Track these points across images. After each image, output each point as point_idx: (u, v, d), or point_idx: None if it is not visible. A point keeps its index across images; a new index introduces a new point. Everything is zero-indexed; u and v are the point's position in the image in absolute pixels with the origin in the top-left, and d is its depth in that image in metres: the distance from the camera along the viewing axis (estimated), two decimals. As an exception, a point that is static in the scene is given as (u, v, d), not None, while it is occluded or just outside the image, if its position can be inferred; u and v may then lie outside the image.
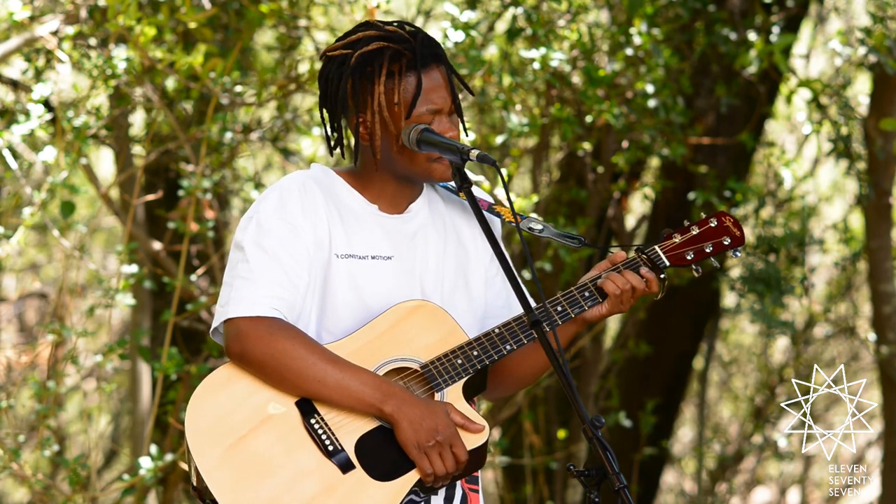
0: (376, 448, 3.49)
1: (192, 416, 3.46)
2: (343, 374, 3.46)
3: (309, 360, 3.46)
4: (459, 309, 3.65)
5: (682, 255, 3.72)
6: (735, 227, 3.74)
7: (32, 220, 5.89)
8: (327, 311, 3.57)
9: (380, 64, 3.54)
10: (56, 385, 5.98)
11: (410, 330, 3.56)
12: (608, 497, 3.28)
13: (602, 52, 6.56)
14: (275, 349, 3.46)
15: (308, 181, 3.61)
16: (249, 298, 3.48)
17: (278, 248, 3.53)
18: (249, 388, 3.49)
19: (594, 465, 3.26)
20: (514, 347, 3.57)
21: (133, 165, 6.70)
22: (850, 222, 8.89)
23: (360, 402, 3.47)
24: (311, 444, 3.47)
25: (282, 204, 3.56)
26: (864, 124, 6.95)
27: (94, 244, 10.52)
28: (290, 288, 3.51)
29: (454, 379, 3.55)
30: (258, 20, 6.19)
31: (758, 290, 7.01)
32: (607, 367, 7.54)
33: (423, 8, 7.22)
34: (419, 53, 3.53)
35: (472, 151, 3.49)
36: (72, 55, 6.09)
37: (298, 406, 3.49)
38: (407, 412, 3.46)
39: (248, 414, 3.47)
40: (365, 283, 3.57)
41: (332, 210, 3.59)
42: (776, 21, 7.08)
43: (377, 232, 3.62)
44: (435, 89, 3.55)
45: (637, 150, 6.72)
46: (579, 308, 3.60)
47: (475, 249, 3.73)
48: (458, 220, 3.74)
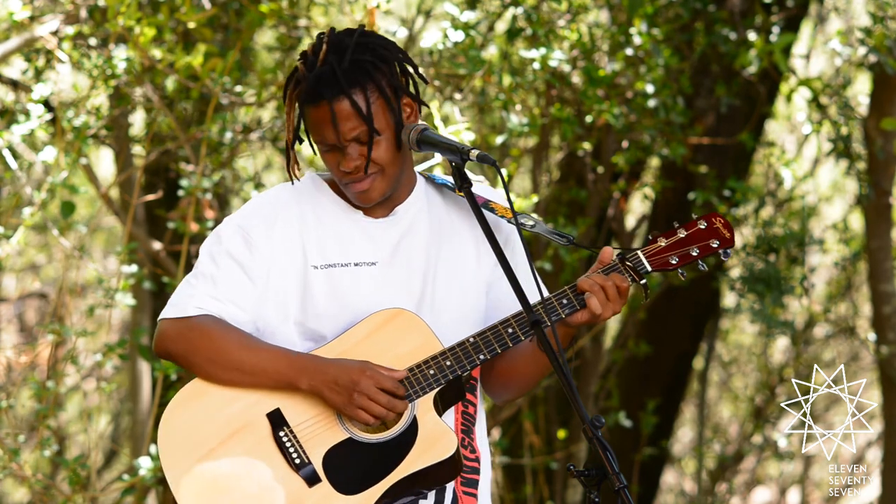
0: (343, 461, 3.48)
1: (165, 428, 3.50)
2: (258, 359, 3.48)
3: (224, 351, 3.49)
4: (451, 313, 3.62)
5: (665, 260, 3.62)
6: (725, 228, 3.65)
7: (32, 220, 5.89)
8: (308, 322, 3.56)
9: (288, 87, 3.53)
10: (56, 385, 5.98)
11: (385, 339, 3.53)
12: (608, 497, 3.28)
13: (602, 52, 6.56)
14: (191, 345, 3.51)
15: (284, 195, 3.61)
16: (180, 302, 3.55)
17: (226, 256, 3.55)
18: (221, 400, 3.51)
19: (594, 465, 3.26)
20: (488, 357, 3.53)
21: (133, 165, 6.70)
22: (850, 222, 8.89)
23: (278, 382, 3.49)
24: (279, 456, 3.48)
25: (246, 217, 3.59)
26: (864, 124, 6.95)
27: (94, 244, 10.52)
28: (229, 293, 3.53)
29: (425, 390, 3.51)
30: (258, 20, 6.19)
31: (758, 290, 7.01)
32: (607, 367, 7.54)
33: (424, 8, 7.22)
34: (307, 89, 3.46)
35: (472, 151, 3.48)
36: (72, 55, 6.09)
37: (269, 418, 3.49)
38: (322, 379, 3.46)
39: (219, 427, 3.49)
40: (347, 291, 3.56)
41: (310, 222, 3.57)
42: (776, 21, 7.08)
43: (361, 238, 3.59)
44: (320, 127, 3.49)
45: (637, 150, 6.71)
46: (556, 315, 3.53)
47: (476, 251, 3.68)
48: (457, 220, 3.70)
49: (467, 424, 3.65)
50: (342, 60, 3.46)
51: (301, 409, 3.50)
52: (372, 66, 3.47)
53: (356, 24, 6.04)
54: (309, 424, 3.50)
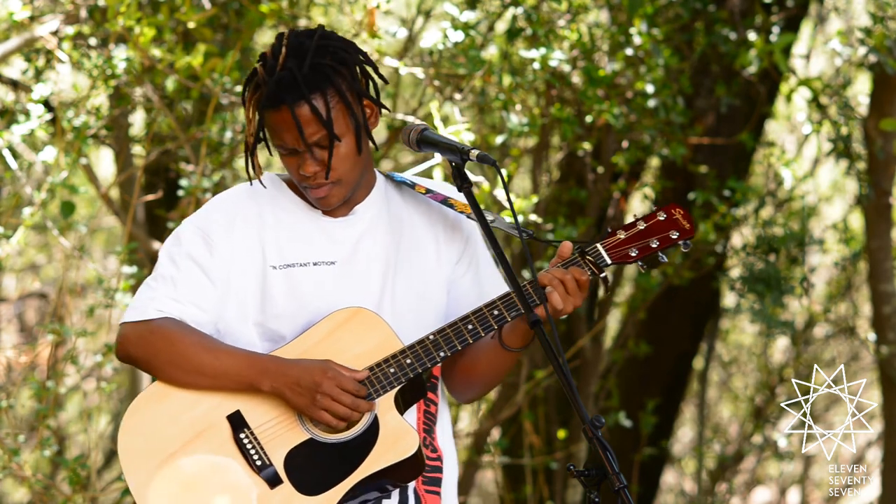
0: (305, 462, 3.48)
1: (124, 433, 3.50)
2: (219, 361, 3.48)
3: (185, 354, 3.49)
4: (411, 312, 3.61)
5: (625, 253, 3.58)
6: (685, 219, 3.63)
7: (32, 220, 5.89)
8: (268, 322, 3.56)
9: (247, 89, 3.51)
10: (56, 385, 5.98)
11: (345, 338, 3.52)
12: (608, 497, 3.28)
13: (602, 52, 6.56)
14: (151, 348, 3.51)
15: (242, 196, 3.62)
16: (141, 305, 3.55)
17: (185, 258, 3.56)
18: (182, 403, 3.51)
19: (594, 465, 3.26)
20: (448, 354, 3.52)
21: (133, 165, 6.70)
22: (850, 222, 8.89)
23: (240, 384, 3.49)
24: (241, 458, 3.48)
25: (205, 217, 3.59)
26: (864, 124, 6.96)
27: (94, 244, 10.52)
28: (190, 294, 3.53)
29: (386, 389, 3.50)
30: (258, 20, 6.19)
31: (758, 290, 7.01)
32: (607, 367, 7.54)
33: (424, 8, 7.22)
34: (267, 93, 3.45)
35: (472, 151, 3.48)
36: (72, 55, 6.09)
37: (230, 420, 3.49)
38: (284, 381, 3.46)
39: (180, 430, 3.49)
40: (306, 291, 3.56)
41: (269, 222, 3.58)
42: (776, 21, 7.08)
43: (320, 238, 3.59)
44: (280, 131, 3.48)
45: (637, 150, 6.71)
46: (516, 311, 3.52)
47: (436, 249, 3.68)
48: (415, 218, 3.69)
49: (429, 423, 3.64)
50: (302, 65, 3.45)
51: (262, 410, 3.50)
52: (332, 70, 3.46)
53: (356, 24, 6.05)
54: (270, 426, 3.50)
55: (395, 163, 7.54)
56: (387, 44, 6.25)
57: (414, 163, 6.68)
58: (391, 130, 6.67)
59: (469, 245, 3.70)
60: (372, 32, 5.86)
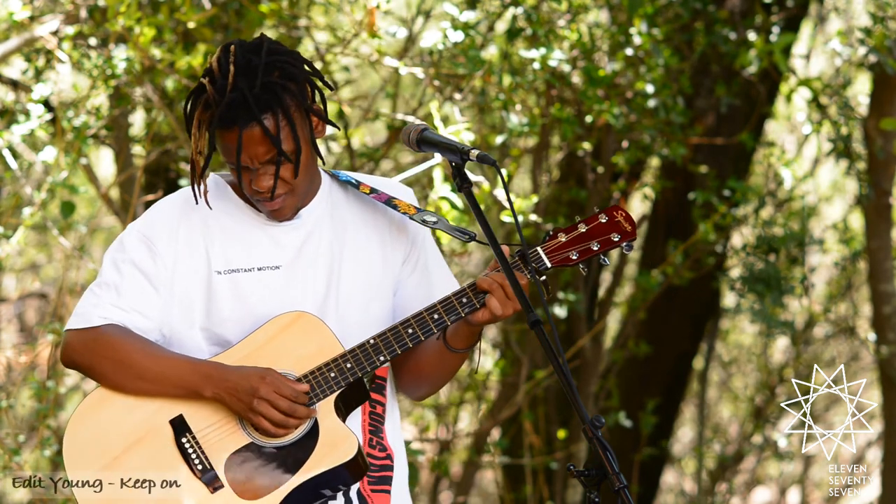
0: (245, 466, 3.52)
1: (69, 438, 3.54)
2: (160, 367, 3.52)
3: (128, 361, 3.53)
4: (357, 315, 3.63)
5: (566, 256, 3.59)
6: (627, 221, 3.61)
7: (32, 220, 5.89)
8: (214, 327, 3.58)
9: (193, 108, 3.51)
10: (56, 385, 5.98)
11: (287, 342, 3.55)
12: (608, 497, 3.28)
13: (602, 52, 6.56)
14: (95, 355, 3.54)
15: (187, 202, 3.61)
16: (85, 312, 3.58)
17: (129, 264, 3.58)
18: (124, 407, 3.55)
19: (594, 465, 3.26)
20: (388, 358, 3.54)
21: (133, 165, 6.69)
22: (850, 222, 8.89)
23: (182, 390, 3.53)
24: (182, 463, 3.52)
25: (148, 224, 3.61)
26: (864, 124, 6.96)
27: (94, 244, 10.52)
28: (133, 301, 3.56)
29: (326, 393, 3.53)
30: (258, 20, 6.19)
31: (758, 290, 7.01)
32: (607, 367, 7.54)
33: (424, 8, 7.22)
34: (219, 115, 3.45)
35: (472, 151, 3.49)
36: (72, 55, 6.08)
37: (172, 424, 3.53)
38: (224, 387, 3.50)
39: (123, 434, 3.53)
40: (251, 295, 3.58)
41: (213, 228, 3.60)
42: (776, 21, 7.08)
43: (264, 242, 3.61)
44: (232, 150, 3.48)
45: (637, 150, 6.71)
46: (456, 315, 3.55)
47: (382, 250, 3.70)
48: (359, 220, 3.70)
49: (375, 424, 3.67)
50: (253, 85, 3.46)
51: (203, 414, 3.54)
52: (281, 88, 3.48)
53: (356, 24, 6.05)
54: (211, 430, 3.53)
55: (395, 163, 7.53)
56: (387, 44, 6.25)
57: (414, 163, 6.67)
58: (391, 130, 6.67)
59: (415, 246, 3.72)
60: (372, 32, 5.86)
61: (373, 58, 6.08)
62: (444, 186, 5.76)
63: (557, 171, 7.62)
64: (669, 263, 6.82)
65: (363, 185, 3.71)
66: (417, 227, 3.72)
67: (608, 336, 8.05)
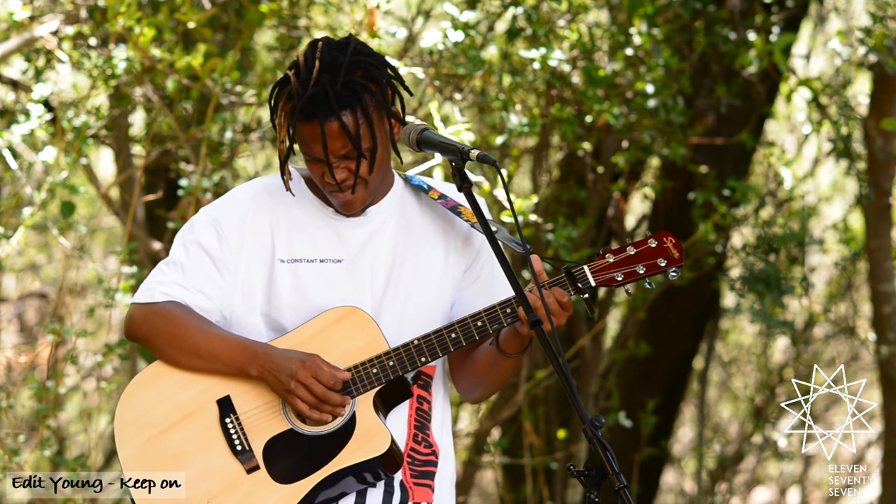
0: (283, 451, 3.62)
1: (122, 407, 3.66)
2: (213, 345, 3.62)
3: (184, 336, 3.64)
4: (414, 314, 3.69)
5: (611, 277, 3.65)
6: (675, 248, 3.68)
7: (32, 220, 5.90)
8: (273, 313, 3.68)
9: (278, 98, 3.60)
10: (56, 385, 5.98)
11: (335, 336, 3.64)
12: (608, 497, 3.29)
13: (602, 52, 6.56)
14: (154, 328, 3.66)
15: (259, 191, 3.72)
16: (150, 288, 3.70)
17: (196, 246, 3.68)
18: (177, 383, 3.66)
19: (594, 465, 3.26)
20: (429, 360, 3.62)
21: (133, 165, 6.70)
22: (850, 222, 8.89)
23: (231, 368, 3.62)
24: (223, 442, 3.62)
25: (220, 210, 3.71)
26: (864, 124, 6.96)
27: (94, 244, 10.52)
28: (197, 282, 3.66)
29: (366, 388, 3.62)
30: (258, 20, 6.19)
31: (758, 290, 7.01)
32: (607, 367, 7.54)
33: (423, 8, 7.22)
34: (300, 107, 3.55)
35: (472, 151, 3.53)
36: (72, 55, 6.09)
37: (219, 404, 3.64)
38: (269, 366, 3.59)
39: (171, 409, 3.65)
40: (310, 286, 3.66)
41: (281, 217, 3.69)
42: (776, 21, 7.08)
43: (329, 236, 3.69)
44: (310, 142, 3.58)
45: (637, 150, 6.71)
46: (499, 324, 3.61)
47: (445, 255, 3.75)
48: (429, 224, 3.76)
49: (421, 420, 3.74)
50: (335, 82, 3.54)
51: (250, 397, 3.64)
52: (363, 88, 3.56)
53: (356, 24, 6.04)
54: (255, 413, 3.63)
55: (394, 163, 7.53)
56: (387, 44, 6.25)
57: (414, 163, 6.67)
58: (391, 130, 6.66)
59: (479, 257, 3.78)
60: (372, 32, 5.86)
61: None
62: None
63: (557, 171, 7.62)
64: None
65: (433, 191, 3.78)
66: (483, 239, 3.76)
67: (608, 336, 8.05)
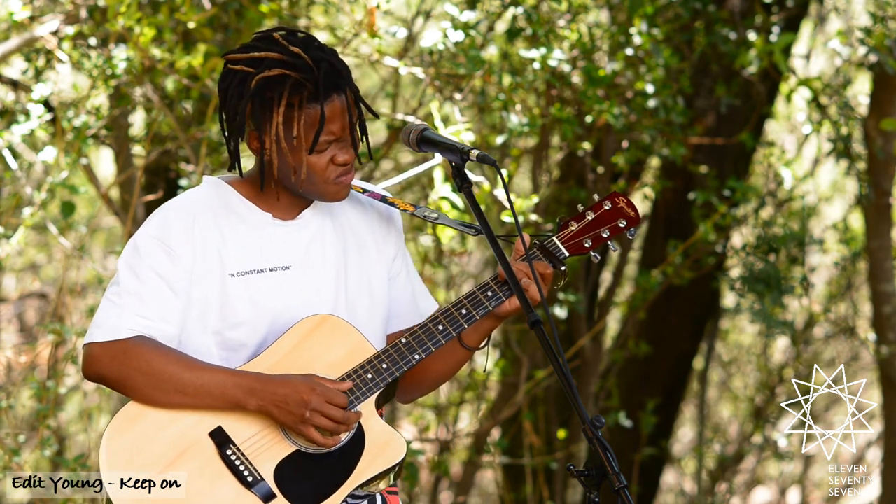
0: (295, 474, 3.44)
1: (106, 454, 3.41)
2: (201, 381, 3.42)
3: (164, 375, 3.42)
4: (364, 313, 3.59)
5: (580, 244, 3.63)
6: (629, 207, 3.68)
7: (32, 220, 5.90)
8: (227, 331, 3.50)
9: (280, 93, 3.44)
10: (56, 385, 5.98)
11: (315, 347, 3.48)
12: (608, 497, 3.28)
13: (602, 52, 6.56)
14: (126, 368, 3.43)
15: (195, 204, 3.55)
16: (109, 324, 3.45)
17: (149, 270, 3.47)
18: (160, 421, 3.43)
19: (594, 465, 3.26)
20: (423, 356, 3.51)
21: (133, 165, 6.70)
22: (850, 222, 8.89)
23: (225, 403, 3.43)
24: (230, 476, 3.43)
25: (162, 227, 3.51)
26: (864, 124, 6.96)
27: (94, 244, 10.52)
28: (157, 309, 3.46)
29: (366, 395, 3.48)
30: (258, 20, 6.19)
31: (758, 290, 7.01)
32: (607, 367, 7.54)
33: (423, 8, 7.22)
34: (322, 86, 3.43)
35: (472, 151, 3.50)
36: (72, 55, 6.09)
37: (212, 437, 3.44)
38: (271, 400, 3.42)
39: (163, 450, 3.42)
40: (266, 297, 3.51)
41: (223, 229, 3.52)
42: (776, 21, 7.08)
43: (274, 242, 3.55)
44: (334, 120, 3.46)
45: (637, 150, 6.72)
46: (484, 309, 3.54)
47: (376, 249, 3.67)
48: (354, 219, 3.67)
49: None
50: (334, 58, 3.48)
51: (243, 425, 3.45)
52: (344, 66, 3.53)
53: (356, 24, 6.05)
54: (255, 441, 3.45)
55: (395, 163, 7.53)
56: (387, 44, 6.25)
57: (414, 163, 6.67)
58: (391, 130, 6.68)
59: (399, 240, 3.72)
60: (372, 32, 5.86)
61: (373, 58, 6.08)
62: (445, 186, 5.76)
63: (557, 171, 7.62)
64: (669, 263, 6.82)
65: (355, 186, 3.70)
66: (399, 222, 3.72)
67: (608, 336, 8.05)
